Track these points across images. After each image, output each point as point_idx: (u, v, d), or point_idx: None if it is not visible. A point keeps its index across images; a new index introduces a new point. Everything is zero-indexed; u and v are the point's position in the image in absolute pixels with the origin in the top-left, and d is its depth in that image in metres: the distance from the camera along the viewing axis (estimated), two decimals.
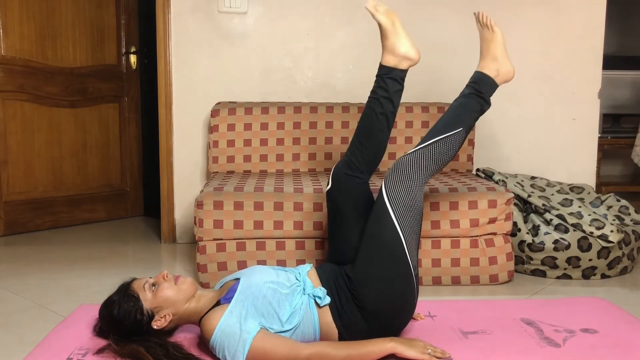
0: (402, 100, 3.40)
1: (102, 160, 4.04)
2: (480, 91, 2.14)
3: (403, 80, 2.18)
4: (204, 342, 1.83)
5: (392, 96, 2.15)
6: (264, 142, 3.21)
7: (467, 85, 2.19)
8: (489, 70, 2.18)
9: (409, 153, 1.99)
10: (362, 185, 2.13)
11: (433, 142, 2.01)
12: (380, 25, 2.18)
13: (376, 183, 2.63)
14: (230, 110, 3.21)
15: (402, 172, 1.94)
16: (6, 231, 3.63)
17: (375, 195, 2.03)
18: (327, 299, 1.85)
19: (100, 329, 1.92)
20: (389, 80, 2.15)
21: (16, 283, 2.71)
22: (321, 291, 1.85)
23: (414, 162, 1.96)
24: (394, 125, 3.20)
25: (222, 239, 2.63)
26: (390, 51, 2.16)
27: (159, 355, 1.71)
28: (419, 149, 2.00)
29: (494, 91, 2.18)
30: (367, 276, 1.86)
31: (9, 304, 2.44)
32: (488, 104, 2.16)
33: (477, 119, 2.15)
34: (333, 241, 2.14)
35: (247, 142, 3.20)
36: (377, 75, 2.18)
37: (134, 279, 1.90)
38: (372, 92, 2.18)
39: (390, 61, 2.17)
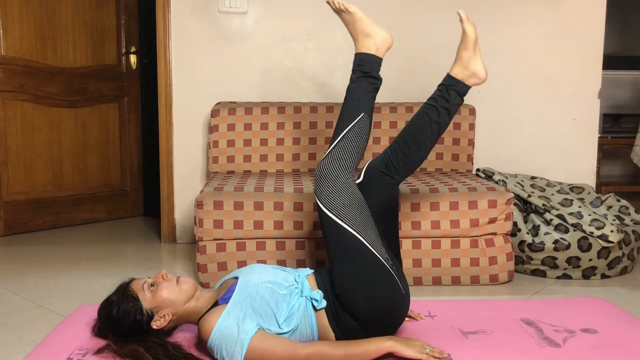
0: (401, 100, 3.44)
1: (102, 160, 4.04)
2: (366, 71, 2.24)
3: (464, 95, 2.16)
4: (201, 343, 1.83)
5: (451, 108, 2.13)
6: (264, 142, 3.21)
7: (352, 72, 2.26)
8: (367, 48, 2.29)
9: (324, 157, 2.01)
10: (392, 187, 2.10)
11: (340, 137, 2.02)
12: (465, 34, 2.17)
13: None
14: (230, 110, 3.21)
15: (325, 177, 1.95)
16: (6, 231, 3.63)
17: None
18: (323, 303, 1.85)
19: (100, 329, 1.92)
20: (453, 92, 2.13)
21: (16, 283, 2.71)
22: (318, 294, 1.85)
23: (331, 163, 1.97)
24: (394, 125, 3.23)
25: (222, 239, 2.63)
26: (464, 64, 2.15)
27: (159, 355, 1.71)
28: (330, 150, 2.01)
29: (379, 66, 2.25)
30: (346, 285, 1.84)
31: (9, 304, 2.44)
32: (379, 80, 2.22)
33: (374, 97, 2.19)
34: None
35: (247, 142, 3.20)
36: (441, 84, 2.17)
37: (132, 279, 1.90)
38: (431, 98, 2.15)
39: (459, 74, 2.15)
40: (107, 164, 4.06)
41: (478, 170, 3.21)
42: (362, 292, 1.83)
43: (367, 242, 1.87)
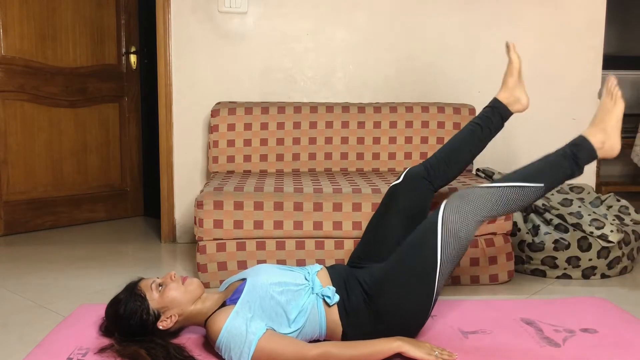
0: (401, 100, 3.44)
1: (102, 160, 4.04)
2: (577, 156, 2.02)
3: (505, 120, 2.34)
4: (209, 343, 1.83)
5: (493, 128, 2.31)
6: (264, 142, 3.21)
7: (567, 144, 2.07)
8: (595, 140, 2.08)
9: (483, 186, 1.93)
10: (428, 194, 2.22)
11: (511, 185, 1.92)
12: (511, 63, 2.38)
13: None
14: (230, 110, 3.21)
15: (468, 202, 1.87)
16: (6, 231, 3.63)
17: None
18: (336, 297, 1.85)
19: (107, 328, 1.93)
20: (497, 115, 2.31)
21: (16, 283, 2.71)
22: (330, 290, 1.85)
23: (484, 198, 1.88)
24: (394, 125, 3.24)
25: (222, 239, 2.63)
26: (509, 91, 2.35)
27: (159, 357, 1.71)
28: (495, 186, 1.92)
29: (591, 161, 2.07)
30: (389, 281, 1.86)
31: (9, 304, 2.44)
32: (580, 171, 2.04)
33: (562, 182, 2.03)
34: (371, 233, 2.19)
35: (247, 142, 3.20)
36: (488, 106, 2.34)
37: (141, 279, 1.90)
38: (478, 117, 2.32)
39: (505, 99, 2.34)
40: (107, 164, 4.06)
41: (478, 170, 3.21)
42: (395, 298, 1.84)
43: (439, 272, 1.84)
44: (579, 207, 2.86)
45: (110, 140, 4.07)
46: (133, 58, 4.12)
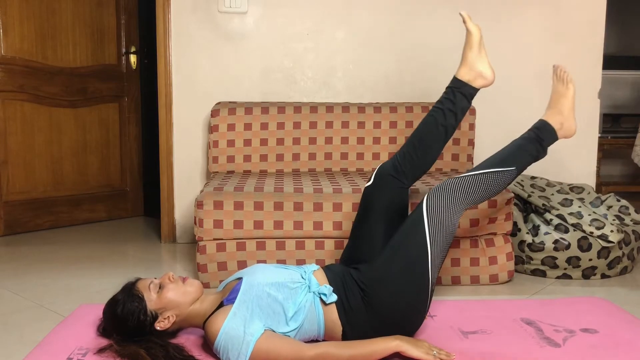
0: (402, 100, 3.44)
1: (102, 160, 4.04)
2: (540, 138, 2.14)
3: (472, 98, 2.21)
4: (208, 345, 1.83)
5: (458, 111, 2.17)
6: (264, 142, 3.21)
7: (529, 130, 2.19)
8: (554, 122, 2.18)
9: (460, 176, 1.99)
10: (402, 191, 2.16)
11: (485, 172, 2.01)
12: (469, 34, 2.21)
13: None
14: (230, 110, 3.21)
15: (447, 192, 1.93)
16: (6, 231, 3.63)
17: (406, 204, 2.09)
18: (334, 297, 1.85)
19: (105, 329, 1.93)
20: (459, 95, 2.17)
21: (16, 283, 2.71)
22: (327, 289, 1.85)
23: (463, 185, 1.96)
24: (394, 125, 3.23)
25: (222, 239, 2.63)
26: (469, 65, 2.18)
27: (159, 357, 1.71)
28: (471, 174, 2.00)
29: (553, 142, 2.18)
30: (384, 276, 1.86)
31: (9, 304, 2.44)
32: (544, 152, 2.16)
33: (530, 163, 2.15)
34: (355, 239, 2.16)
35: (247, 142, 3.20)
36: (448, 87, 2.21)
37: (138, 279, 1.89)
38: (439, 101, 2.20)
39: (465, 76, 2.19)
40: (107, 164, 4.06)
41: None
42: (392, 293, 1.85)
43: (431, 261, 1.87)
44: (579, 207, 2.86)
45: (110, 140, 4.07)
46: (133, 58, 4.12)
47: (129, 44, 4.10)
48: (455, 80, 2.19)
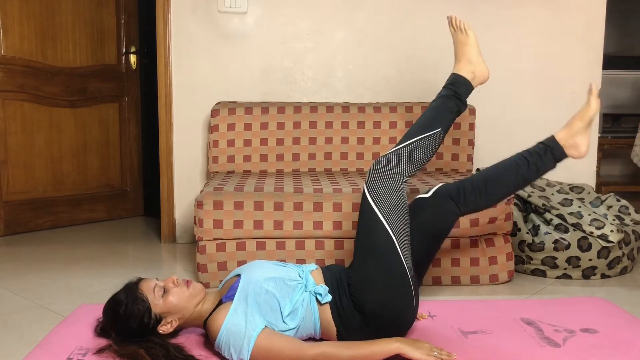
0: (402, 100, 3.44)
1: (102, 160, 4.04)
2: (457, 93, 2.20)
3: (558, 163, 2.07)
4: (209, 343, 1.83)
5: (540, 168, 2.04)
6: (264, 142, 3.21)
7: (443, 87, 2.24)
8: (465, 73, 2.24)
9: (388, 153, 2.03)
10: (452, 215, 2.03)
11: (413, 141, 2.05)
12: (588, 107, 2.04)
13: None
14: (230, 110, 3.21)
15: (382, 172, 1.97)
16: (6, 231, 3.63)
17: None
18: (328, 297, 1.86)
19: (102, 329, 1.92)
20: (549, 155, 2.04)
21: (16, 283, 2.71)
22: (322, 289, 1.86)
23: (393, 161, 1.99)
24: (394, 125, 3.24)
25: (222, 239, 2.63)
26: (572, 133, 2.03)
27: (159, 357, 1.71)
28: (397, 149, 2.03)
29: (469, 93, 2.24)
30: (364, 280, 1.86)
31: (9, 304, 2.44)
32: (464, 105, 2.22)
33: (454, 119, 2.21)
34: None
35: (247, 142, 3.20)
36: (542, 143, 2.07)
37: (140, 279, 1.88)
38: (527, 151, 2.06)
39: (563, 140, 2.04)
40: (107, 164, 4.06)
41: (478, 170, 3.21)
42: (376, 291, 1.85)
43: (399, 245, 1.88)
44: (579, 207, 2.86)
45: (110, 140, 4.07)
46: (133, 58, 4.12)
47: (129, 44, 4.10)
48: (553, 141, 2.03)
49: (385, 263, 1.86)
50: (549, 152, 2.03)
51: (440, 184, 2.07)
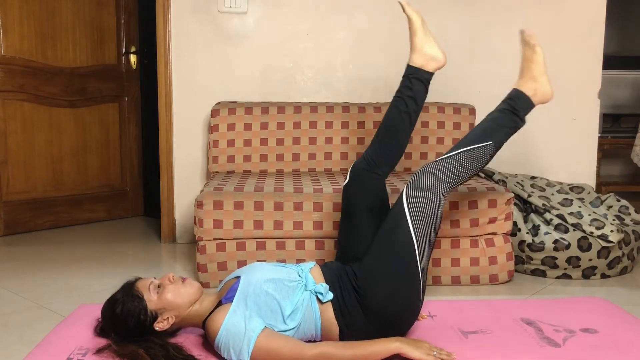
0: None
1: (102, 160, 4.04)
2: (515, 108, 2.13)
3: (428, 82, 2.21)
4: (209, 343, 1.83)
5: (417, 96, 2.18)
6: (264, 142, 3.21)
7: (503, 101, 2.18)
8: (527, 89, 2.16)
9: (435, 161, 1.98)
10: (378, 182, 2.15)
11: (460, 152, 2.00)
12: (410, 21, 2.22)
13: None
14: (230, 110, 3.21)
15: (425, 179, 1.92)
16: (6, 231, 3.63)
17: (390, 195, 2.06)
18: (330, 295, 1.85)
19: (102, 329, 1.92)
20: (415, 81, 2.18)
21: (16, 283, 2.71)
22: (323, 287, 1.85)
23: (439, 170, 1.95)
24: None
25: (222, 239, 2.63)
26: (418, 51, 2.20)
27: (159, 357, 1.71)
28: (446, 157, 1.99)
29: (529, 110, 2.16)
30: (374, 275, 1.86)
31: (9, 304, 2.44)
32: (522, 122, 2.15)
33: (510, 135, 2.13)
34: (344, 237, 2.15)
35: (247, 142, 3.20)
36: (403, 76, 2.22)
37: (138, 278, 1.89)
38: (397, 91, 2.21)
39: (417, 61, 2.20)
40: (107, 164, 4.06)
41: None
42: (384, 285, 1.84)
43: (418, 252, 1.86)
44: (579, 207, 2.86)
45: (110, 140, 4.07)
46: (133, 58, 4.12)
47: (129, 44, 4.10)
48: (409, 67, 2.20)
49: (400, 264, 1.85)
50: (413, 79, 2.18)
51: (351, 165, 2.19)
